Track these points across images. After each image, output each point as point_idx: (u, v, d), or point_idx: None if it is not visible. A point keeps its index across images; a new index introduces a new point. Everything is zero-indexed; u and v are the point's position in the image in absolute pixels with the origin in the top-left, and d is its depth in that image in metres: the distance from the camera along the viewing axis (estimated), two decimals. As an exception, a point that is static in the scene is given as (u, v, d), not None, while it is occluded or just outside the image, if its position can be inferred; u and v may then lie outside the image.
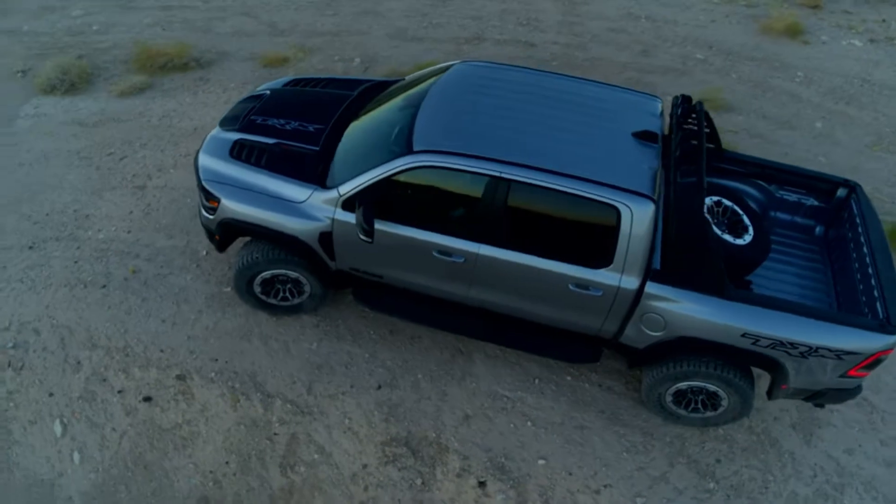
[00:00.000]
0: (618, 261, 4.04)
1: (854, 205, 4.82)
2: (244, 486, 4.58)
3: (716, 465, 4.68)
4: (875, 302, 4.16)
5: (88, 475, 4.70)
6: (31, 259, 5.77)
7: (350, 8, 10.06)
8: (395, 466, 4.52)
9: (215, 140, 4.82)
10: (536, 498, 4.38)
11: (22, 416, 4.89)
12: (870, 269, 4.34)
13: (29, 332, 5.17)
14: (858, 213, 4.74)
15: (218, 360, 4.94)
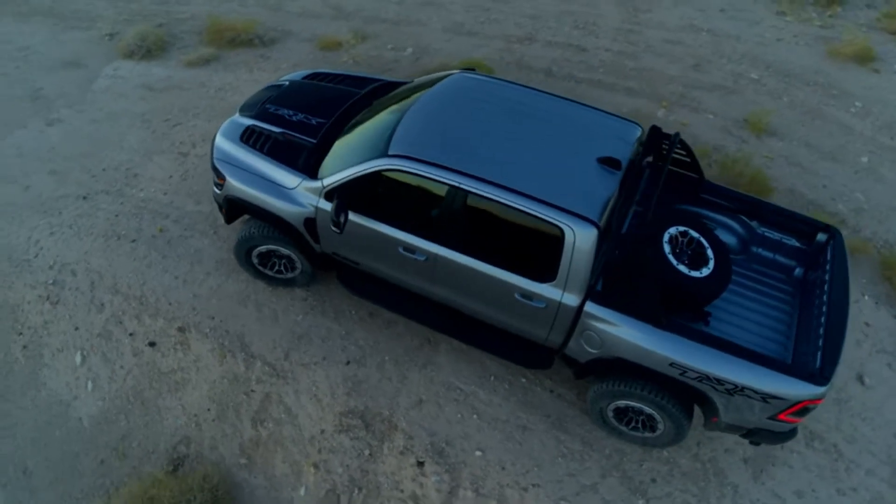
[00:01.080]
0: (560, 277, 4.29)
1: (830, 251, 4.81)
2: (220, 432, 5.20)
3: (650, 483, 4.87)
4: (816, 352, 4.22)
5: (97, 402, 5.45)
6: (83, 208, 6.59)
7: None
8: (348, 436, 5.00)
9: (232, 124, 5.37)
10: (468, 485, 4.75)
11: (52, 344, 5.70)
12: (822, 319, 4.38)
13: (67, 273, 5.97)
14: (831, 261, 4.74)
15: (214, 319, 5.56)
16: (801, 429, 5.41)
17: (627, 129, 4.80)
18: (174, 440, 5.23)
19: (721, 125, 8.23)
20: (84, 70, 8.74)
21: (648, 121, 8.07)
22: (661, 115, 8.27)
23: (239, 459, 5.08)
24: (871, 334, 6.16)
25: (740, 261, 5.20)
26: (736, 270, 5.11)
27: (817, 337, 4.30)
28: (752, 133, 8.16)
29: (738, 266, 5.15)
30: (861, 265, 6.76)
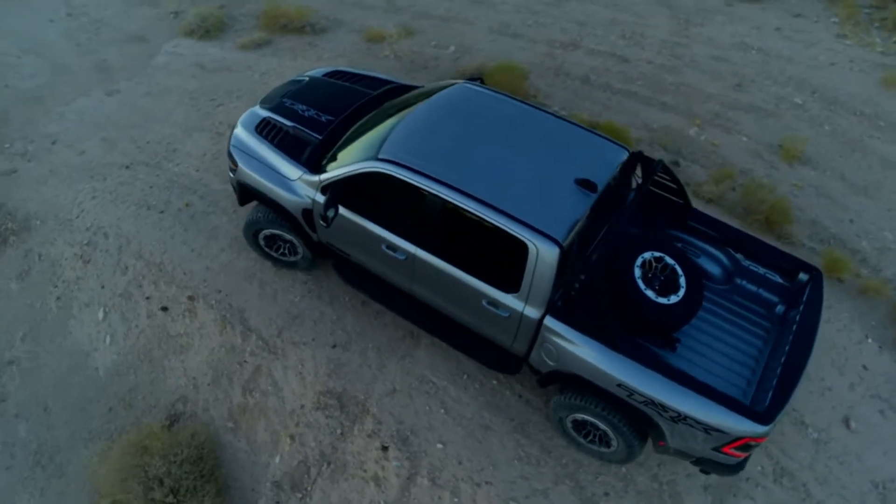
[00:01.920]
0: (523, 290, 4.49)
1: (808, 292, 4.82)
2: (213, 396, 5.67)
3: (602, 497, 5.04)
4: (769, 390, 4.28)
5: (112, 356, 6.02)
6: (124, 177, 7.19)
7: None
8: (324, 413, 5.37)
9: (252, 114, 5.78)
10: (425, 474, 5.04)
11: (80, 298, 6.31)
12: (782, 359, 4.43)
13: (101, 235, 6.57)
14: (805, 302, 4.75)
15: (221, 292, 6.03)
16: (770, 463, 5.46)
17: (614, 152, 4.92)
18: (173, 398, 5.73)
19: (753, 149, 8.12)
20: (147, 45, 9.39)
21: (678, 138, 8.09)
22: (692, 133, 8.23)
23: (226, 423, 5.54)
24: (868, 379, 6.07)
25: (723, 291, 5.25)
26: (716, 300, 5.17)
27: (773, 375, 4.35)
28: (784, 160, 8.02)
29: (720, 297, 5.20)
30: (874, 307, 6.62)
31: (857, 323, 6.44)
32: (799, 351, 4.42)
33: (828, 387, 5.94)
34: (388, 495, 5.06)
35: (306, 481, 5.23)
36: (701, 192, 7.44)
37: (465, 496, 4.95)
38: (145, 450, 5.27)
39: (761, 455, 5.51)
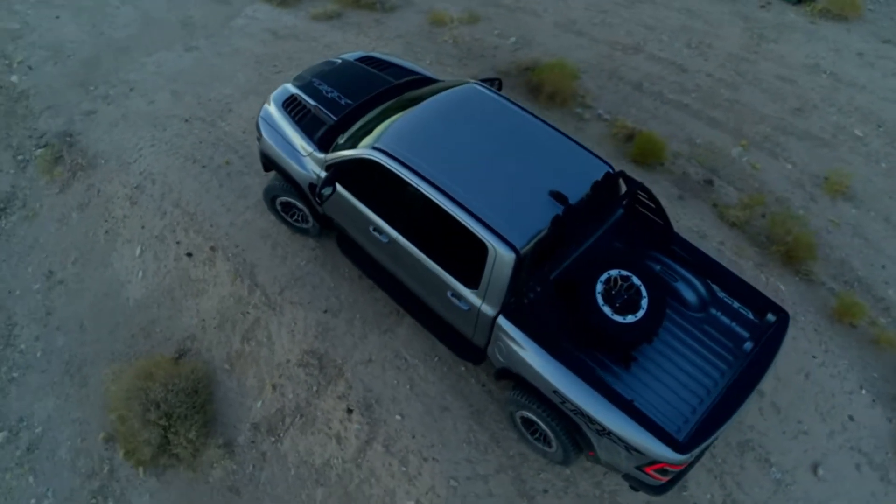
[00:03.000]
0: (482, 288, 4.78)
1: (769, 334, 4.83)
2: (216, 339, 6.31)
3: (541, 493, 5.31)
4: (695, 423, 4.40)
5: (141, 289, 6.78)
6: (181, 129, 7.92)
7: (540, -13, 10.64)
8: (304, 370, 5.89)
9: (283, 90, 6.26)
10: (381, 441, 5.48)
11: (124, 235, 7.10)
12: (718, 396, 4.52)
13: (149, 181, 7.32)
14: (763, 343, 4.78)
15: (239, 247, 6.63)
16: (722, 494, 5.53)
17: (598, 169, 5.05)
18: (184, 335, 6.42)
19: (796, 178, 7.90)
20: (229, 7, 10.09)
21: (719, 157, 7.99)
22: (734, 153, 8.09)
23: (224, 364, 6.17)
24: (852, 430, 5.97)
25: (696, 319, 5.30)
26: (686, 327, 5.24)
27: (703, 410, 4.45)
28: (826, 193, 7.77)
29: (691, 324, 5.26)
30: (882, 359, 6.45)
31: (855, 372, 6.29)
32: (739, 391, 4.48)
33: (804, 430, 5.89)
34: (346, 454, 5.54)
35: (280, 428, 5.78)
36: (727, 214, 7.35)
37: (412, 467, 5.34)
38: (151, 376, 5.97)
39: (715, 484, 5.58)
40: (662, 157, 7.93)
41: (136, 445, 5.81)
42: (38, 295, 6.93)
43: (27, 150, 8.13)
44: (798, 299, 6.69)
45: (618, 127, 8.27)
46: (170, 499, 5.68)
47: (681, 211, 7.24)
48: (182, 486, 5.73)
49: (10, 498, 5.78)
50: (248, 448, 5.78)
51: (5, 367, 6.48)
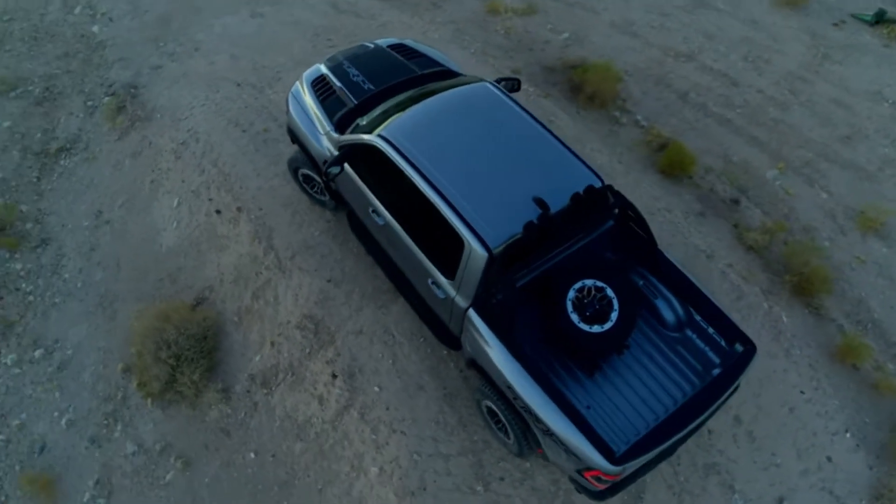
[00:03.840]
0: (457, 280, 5.03)
1: (732, 364, 4.89)
2: (230, 293, 6.84)
3: (497, 480, 5.58)
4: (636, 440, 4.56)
5: (174, 238, 7.38)
6: (232, 93, 8.44)
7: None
8: (300, 332, 6.33)
9: (315, 69, 6.62)
10: (357, 408, 5.87)
11: (165, 186, 7.71)
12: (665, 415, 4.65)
13: (194, 139, 7.89)
14: (725, 371, 4.85)
15: (262, 210, 7.10)
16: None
17: (588, 180, 5.17)
18: (204, 285, 6.98)
19: (829, 208, 7.71)
20: (298, -22, 10.50)
21: (752, 177, 7.88)
22: (769, 175, 7.96)
23: (233, 317, 6.70)
24: (827, 471, 5.95)
25: (671, 338, 5.40)
26: (660, 345, 5.34)
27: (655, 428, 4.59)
28: (858, 228, 7.56)
29: (665, 342, 5.36)
30: (879, 405, 6.37)
31: (845, 414, 6.22)
32: (686, 415, 4.59)
33: (776, 463, 5.91)
34: (325, 415, 5.97)
35: (273, 382, 6.26)
36: (746, 237, 7.29)
37: (381, 436, 5.72)
38: (168, 318, 6.55)
39: (673, 500, 5.71)
40: (690, 171, 7.87)
41: (148, 379, 6.42)
42: (87, 231, 7.64)
43: (97, 98, 8.86)
44: (800, 332, 6.61)
45: (652, 135, 8.24)
46: (170, 430, 6.27)
47: (696, 228, 7.21)
48: (182, 421, 6.31)
49: (37, 407, 6.53)
50: (242, 396, 6.29)
51: (50, 293, 7.23)
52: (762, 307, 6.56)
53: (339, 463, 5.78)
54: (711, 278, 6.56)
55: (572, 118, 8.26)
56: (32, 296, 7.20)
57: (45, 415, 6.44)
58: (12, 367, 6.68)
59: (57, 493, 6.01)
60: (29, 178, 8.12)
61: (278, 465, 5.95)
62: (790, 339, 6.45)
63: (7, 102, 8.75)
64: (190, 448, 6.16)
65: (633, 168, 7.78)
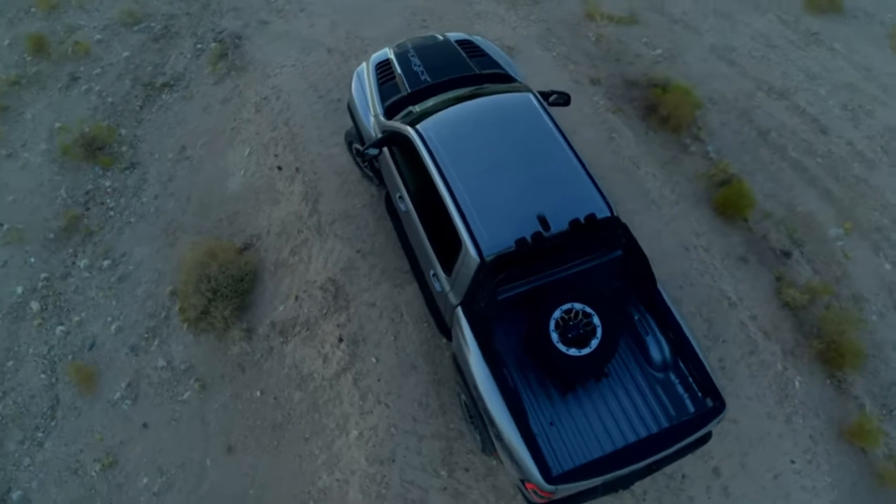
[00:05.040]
0: (452, 277, 5.32)
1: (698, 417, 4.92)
2: (273, 244, 7.44)
3: (461, 470, 5.89)
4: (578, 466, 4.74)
5: (239, 184, 8.06)
6: (321, 58, 8.98)
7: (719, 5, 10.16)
8: (322, 293, 6.84)
9: (382, 53, 6.97)
10: (352, 373, 6.33)
11: (242, 135, 8.40)
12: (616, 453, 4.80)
13: (275, 96, 8.51)
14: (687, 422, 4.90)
15: (316, 174, 7.63)
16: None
17: (597, 208, 5.24)
18: (253, 232, 7.63)
19: (889, 282, 7.34)
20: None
21: (812, 232, 7.63)
22: (832, 233, 7.63)
23: (270, 266, 7.31)
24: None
25: (653, 377, 5.46)
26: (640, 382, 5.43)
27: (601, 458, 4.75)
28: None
29: (646, 379, 5.44)
30: (877, 495, 6.14)
31: (834, 494, 6.04)
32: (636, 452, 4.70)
33: (745, 521, 5.85)
34: (325, 373, 6.47)
35: (289, 333, 6.84)
36: (785, 293, 7.07)
37: (367, 404, 6.16)
38: (215, 256, 7.25)
39: (628, 531, 5.81)
40: (746, 213, 7.65)
41: (188, 306, 7.17)
42: (169, 163, 8.48)
43: (206, 42, 9.67)
44: (811, 401, 6.41)
45: (718, 169, 8.04)
46: (196, 355, 7.00)
47: (732, 273, 7.06)
48: (207, 349, 7.02)
49: (95, 310, 7.44)
50: (262, 339, 6.91)
51: (128, 212, 8.13)
52: (775, 367, 6.40)
53: (328, 419, 6.28)
54: (727, 326, 6.45)
55: (637, 137, 8.18)
56: (113, 212, 8.12)
57: (100, 317, 7.34)
58: (83, 271, 7.63)
59: (95, 386, 6.88)
60: (133, 107, 9.05)
61: (277, 408, 6.53)
62: (796, 406, 6.27)
63: (130, 35, 9.72)
64: (209, 374, 6.85)
65: (685, 199, 7.66)
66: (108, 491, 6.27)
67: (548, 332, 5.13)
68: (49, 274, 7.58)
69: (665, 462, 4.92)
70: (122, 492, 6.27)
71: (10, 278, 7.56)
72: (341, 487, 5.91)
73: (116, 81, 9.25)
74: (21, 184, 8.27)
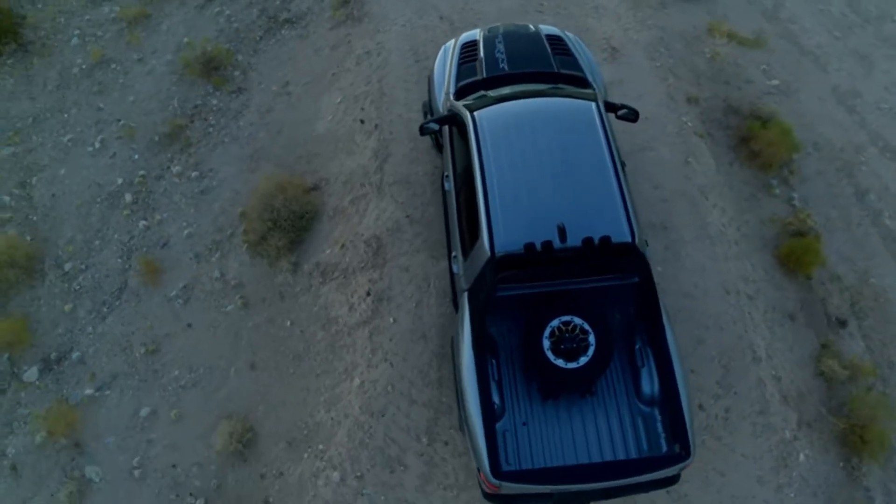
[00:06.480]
0: (467, 263, 5.55)
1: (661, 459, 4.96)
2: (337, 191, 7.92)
3: (441, 442, 6.19)
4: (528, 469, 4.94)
5: (325, 128, 8.58)
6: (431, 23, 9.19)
7: (862, 45, 9.43)
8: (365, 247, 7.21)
9: (471, 34, 7.14)
10: (370, 327, 6.73)
11: (339, 83, 8.88)
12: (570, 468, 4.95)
13: (377, 52, 8.88)
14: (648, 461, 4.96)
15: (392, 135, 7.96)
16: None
17: (619, 231, 5.24)
18: (324, 176, 8.15)
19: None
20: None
21: (879, 306, 7.28)
22: None
23: (329, 211, 7.83)
24: None
25: (638, 408, 5.50)
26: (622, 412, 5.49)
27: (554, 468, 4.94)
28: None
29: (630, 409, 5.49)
30: None
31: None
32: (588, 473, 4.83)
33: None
34: (348, 321, 6.94)
35: (328, 276, 7.36)
36: (823, 361, 6.79)
37: (375, 358, 6.57)
38: (284, 190, 7.84)
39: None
40: (810, 271, 7.29)
41: (250, 229, 7.85)
42: (271, 95, 9.13)
43: (334, -13, 10.16)
44: (813, 479, 6.17)
45: (797, 218, 7.67)
46: (246, 274, 7.67)
47: (770, 327, 6.80)
48: (258, 272, 7.68)
49: (176, 213, 8.27)
50: (304, 276, 7.48)
51: (224, 132, 8.89)
52: (783, 433, 6.18)
53: (339, 363, 6.78)
54: (744, 379, 6.27)
55: (720, 167, 7.90)
56: (212, 129, 8.91)
57: (177, 221, 8.18)
58: (174, 177, 8.49)
59: (157, 280, 7.75)
60: (254, 35, 9.76)
61: (301, 341, 7.10)
62: (793, 478, 6.07)
63: (267, -32, 10.39)
64: (252, 294, 7.52)
65: (749, 241, 7.39)
66: (145, 372, 7.12)
67: (540, 338, 5.27)
68: (146, 172, 8.49)
69: (619, 492, 5.01)
70: (156, 377, 7.10)
71: (115, 169, 8.55)
72: (333, 426, 6.41)
73: (245, 9, 9.97)
74: (143, 87, 9.22)
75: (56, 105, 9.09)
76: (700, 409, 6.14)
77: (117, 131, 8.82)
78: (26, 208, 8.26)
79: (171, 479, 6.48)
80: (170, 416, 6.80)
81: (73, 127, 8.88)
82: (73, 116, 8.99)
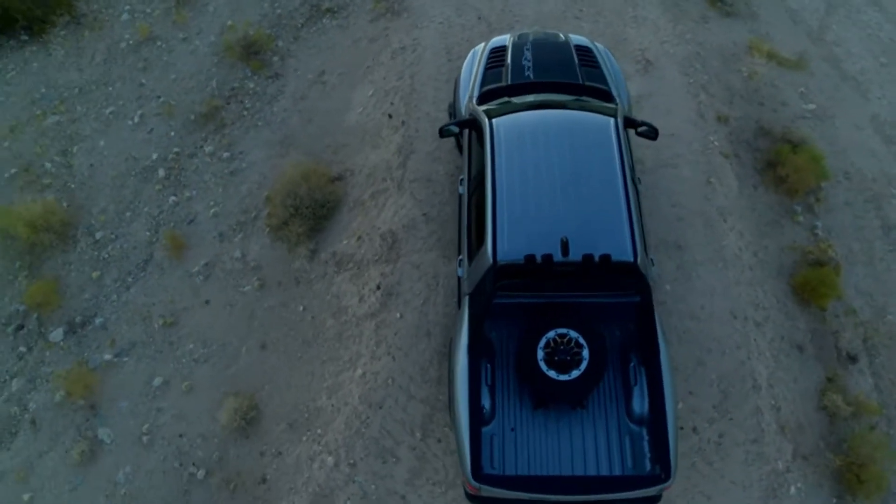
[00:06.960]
0: (471, 268, 5.66)
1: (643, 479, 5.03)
2: (360, 183, 8.09)
3: (434, 439, 6.34)
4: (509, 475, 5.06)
5: (355, 120, 8.75)
6: (468, 23, 9.26)
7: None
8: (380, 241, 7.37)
9: (501, 39, 7.20)
10: (377, 320, 6.92)
11: (373, 76, 9.02)
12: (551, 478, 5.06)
13: (412, 48, 8.99)
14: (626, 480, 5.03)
15: (417, 132, 8.08)
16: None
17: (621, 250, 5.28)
18: (349, 167, 8.33)
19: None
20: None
21: (894, 346, 7.06)
22: None
23: (350, 202, 8.01)
24: None
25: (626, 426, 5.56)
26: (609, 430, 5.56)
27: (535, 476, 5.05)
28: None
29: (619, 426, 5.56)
30: None
31: None
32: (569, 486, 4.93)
33: None
34: (357, 311, 7.13)
35: (343, 266, 7.55)
36: (828, 396, 6.73)
37: (379, 351, 6.75)
38: (308, 178, 8.04)
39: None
40: (825, 303, 7.19)
41: (273, 213, 8.09)
42: (306, 83, 9.33)
43: (377, -21, 10.28)
44: (803, 511, 6.15)
45: (818, 248, 7.57)
46: (266, 257, 7.90)
47: (775, 357, 6.74)
48: (277, 256, 7.92)
49: (204, 192, 8.55)
50: (321, 264, 7.69)
51: (258, 116, 9.11)
52: (774, 465, 6.16)
53: (345, 352, 6.98)
54: (741, 406, 6.27)
55: (743, 189, 7.82)
56: (247, 112, 9.15)
57: (205, 199, 8.46)
58: (206, 156, 8.77)
59: (181, 255, 8.04)
60: (295, 22, 9.96)
61: (310, 327, 7.32)
62: (783, 511, 6.05)
63: (315, -43, 10.56)
64: (269, 277, 7.76)
65: (764, 267, 7.32)
66: (161, 343, 7.43)
67: (535, 347, 5.37)
68: (180, 150, 8.79)
69: None
70: (171, 349, 7.40)
71: (151, 144, 8.87)
72: (332, 413, 6.62)
73: (290, -4, 10.17)
74: (185, 66, 9.52)
75: (101, 78, 9.44)
76: (693, 431, 6.16)
77: (157, 107, 9.13)
78: (66, 176, 8.63)
79: (177, 447, 6.77)
80: (181, 388, 7.09)
81: (115, 100, 9.22)
82: (117, 90, 9.33)
